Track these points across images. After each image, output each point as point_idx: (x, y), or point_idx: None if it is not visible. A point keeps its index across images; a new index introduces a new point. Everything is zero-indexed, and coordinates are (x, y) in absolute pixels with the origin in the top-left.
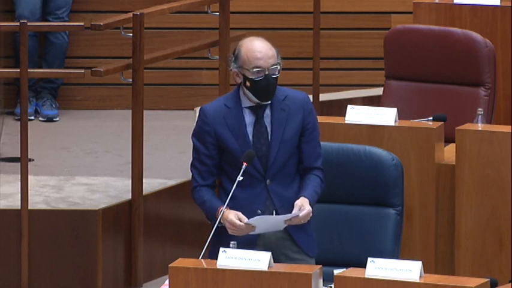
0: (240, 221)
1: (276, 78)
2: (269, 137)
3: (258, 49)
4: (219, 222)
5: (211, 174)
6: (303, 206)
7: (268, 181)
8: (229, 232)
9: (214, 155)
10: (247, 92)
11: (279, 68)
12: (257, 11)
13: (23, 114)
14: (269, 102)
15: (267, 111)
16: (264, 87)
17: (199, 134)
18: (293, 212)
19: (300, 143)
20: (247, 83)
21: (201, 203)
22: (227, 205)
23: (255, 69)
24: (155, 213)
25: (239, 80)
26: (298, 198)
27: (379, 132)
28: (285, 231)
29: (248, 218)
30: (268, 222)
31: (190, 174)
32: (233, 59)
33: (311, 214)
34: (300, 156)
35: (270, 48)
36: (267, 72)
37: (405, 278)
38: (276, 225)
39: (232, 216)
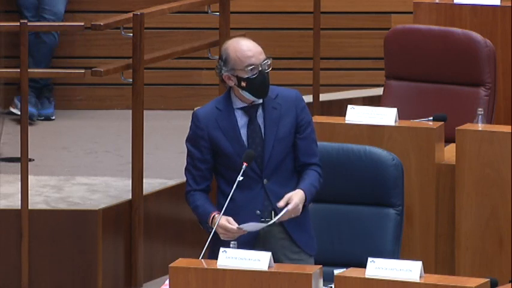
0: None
1: (268, 73)
2: (263, 136)
3: (247, 47)
4: (212, 227)
5: (205, 179)
6: (290, 199)
7: (265, 180)
8: (221, 237)
9: (208, 159)
10: (241, 92)
11: (269, 62)
12: (257, 11)
13: (23, 114)
14: (262, 100)
15: (259, 111)
16: (260, 83)
17: (193, 139)
18: (279, 203)
19: (296, 140)
20: (243, 83)
21: (194, 207)
22: (226, 207)
23: (248, 68)
24: (155, 213)
25: (232, 83)
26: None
27: (379, 132)
28: (284, 231)
29: (247, 219)
30: (259, 227)
31: (185, 178)
32: (222, 63)
33: (300, 207)
34: (296, 153)
35: (256, 45)
36: (260, 69)
37: (405, 278)
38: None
39: (224, 221)
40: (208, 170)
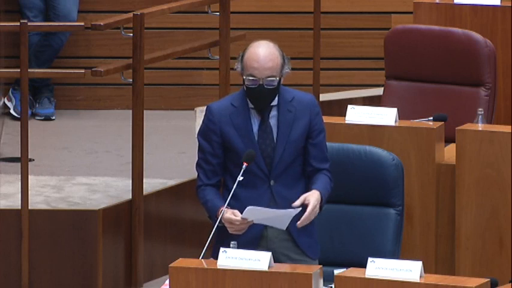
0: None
1: (273, 88)
2: (275, 138)
3: (257, 58)
4: (220, 222)
5: (215, 174)
6: (306, 199)
7: (272, 182)
8: (230, 231)
9: (219, 154)
10: None
11: (276, 80)
12: (257, 11)
13: (23, 114)
14: (277, 101)
15: (274, 112)
16: (255, 95)
17: (205, 133)
18: (295, 203)
19: (307, 145)
20: (244, 87)
21: (204, 202)
22: (228, 205)
23: (249, 77)
24: (155, 213)
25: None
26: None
27: (380, 132)
28: (287, 233)
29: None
30: (264, 215)
31: (196, 173)
32: (239, 58)
33: (317, 208)
34: (307, 158)
35: (270, 59)
36: (261, 82)
37: (405, 278)
38: (276, 221)
39: (229, 214)
40: (219, 165)
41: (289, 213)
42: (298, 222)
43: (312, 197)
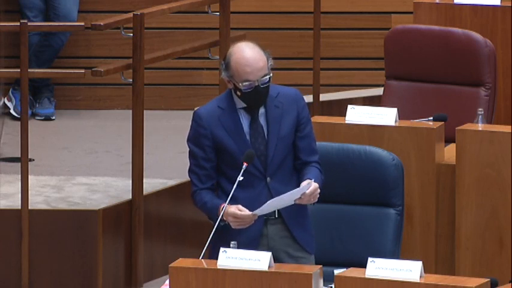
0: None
1: (267, 86)
2: (266, 135)
3: (248, 62)
4: (222, 220)
5: (210, 178)
6: (309, 183)
7: (268, 179)
8: (233, 226)
9: (212, 158)
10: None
11: (269, 77)
12: (257, 11)
13: (23, 114)
14: (260, 105)
15: (262, 110)
16: (253, 97)
17: (195, 138)
18: (301, 186)
19: (296, 138)
20: (238, 93)
21: (202, 204)
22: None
23: (244, 82)
24: (155, 213)
25: (230, 86)
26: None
27: (380, 132)
28: (286, 229)
29: None
30: (274, 205)
31: (189, 179)
32: (224, 67)
33: (318, 192)
34: (296, 152)
35: (259, 59)
36: (256, 84)
37: (405, 278)
38: (283, 202)
39: (233, 209)
40: (213, 169)
41: (299, 191)
42: (297, 199)
43: (313, 182)
